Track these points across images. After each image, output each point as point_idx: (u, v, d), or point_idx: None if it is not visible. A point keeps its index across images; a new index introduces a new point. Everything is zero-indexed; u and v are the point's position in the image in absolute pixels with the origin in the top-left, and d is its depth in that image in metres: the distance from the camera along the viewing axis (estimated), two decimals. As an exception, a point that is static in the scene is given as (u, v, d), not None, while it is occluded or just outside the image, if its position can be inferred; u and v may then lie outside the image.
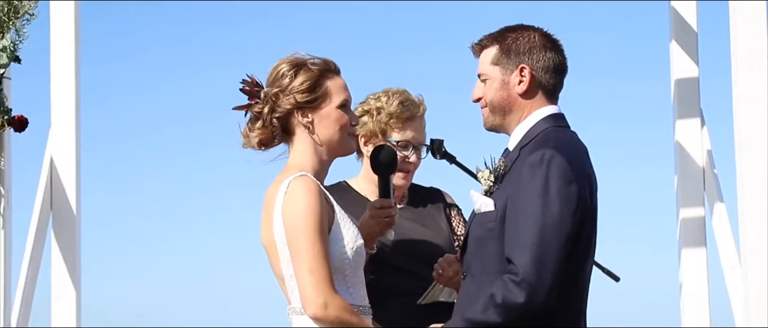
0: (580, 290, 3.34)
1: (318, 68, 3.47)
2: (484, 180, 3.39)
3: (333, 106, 3.46)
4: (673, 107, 5.33)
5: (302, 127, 3.45)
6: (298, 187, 3.34)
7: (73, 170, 5.11)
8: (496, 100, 3.41)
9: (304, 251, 3.30)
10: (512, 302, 3.18)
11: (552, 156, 3.24)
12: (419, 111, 4.00)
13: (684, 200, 5.24)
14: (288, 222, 3.33)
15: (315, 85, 3.45)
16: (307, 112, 3.45)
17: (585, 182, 3.28)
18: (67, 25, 5.18)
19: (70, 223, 5.08)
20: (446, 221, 4.06)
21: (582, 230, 3.26)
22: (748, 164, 4.40)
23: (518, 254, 3.19)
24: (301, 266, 3.30)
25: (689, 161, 5.23)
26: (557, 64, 3.41)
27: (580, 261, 3.29)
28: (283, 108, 3.44)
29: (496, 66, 3.41)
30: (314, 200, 3.32)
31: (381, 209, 3.67)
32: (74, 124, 5.15)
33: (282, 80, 3.46)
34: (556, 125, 3.38)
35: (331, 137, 3.46)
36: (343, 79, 3.51)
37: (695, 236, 5.21)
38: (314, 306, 3.28)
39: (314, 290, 3.28)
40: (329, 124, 3.45)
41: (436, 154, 4.04)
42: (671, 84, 5.34)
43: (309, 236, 3.30)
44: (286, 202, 3.34)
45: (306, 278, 3.29)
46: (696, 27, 5.30)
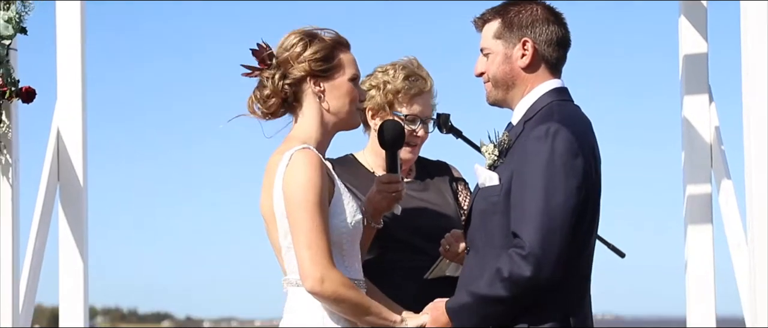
0: (585, 263, 3.34)
1: (331, 40, 3.48)
2: (488, 154, 3.38)
3: (345, 78, 3.47)
4: (681, 83, 5.32)
5: (313, 96, 3.45)
6: (300, 160, 3.34)
7: (79, 142, 5.11)
8: (499, 74, 3.40)
9: (303, 225, 3.30)
10: (519, 276, 3.18)
11: (557, 129, 3.23)
12: (426, 86, 3.99)
13: (691, 176, 5.23)
14: (288, 195, 3.33)
15: (329, 56, 3.45)
16: (319, 81, 3.45)
17: (590, 156, 3.28)
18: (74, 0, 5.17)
19: (77, 194, 5.10)
20: (453, 195, 4.06)
21: (587, 204, 3.26)
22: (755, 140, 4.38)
23: (524, 228, 3.19)
24: (300, 240, 3.31)
25: (697, 138, 5.22)
26: (560, 38, 3.39)
27: (585, 235, 3.29)
28: (295, 75, 3.44)
29: (498, 40, 3.40)
30: (315, 173, 3.32)
31: (388, 183, 3.67)
32: (80, 96, 5.15)
33: (295, 48, 3.45)
34: (560, 99, 3.37)
35: (341, 109, 3.46)
36: (353, 55, 3.52)
37: (702, 213, 5.20)
38: (312, 281, 3.29)
39: (312, 264, 3.29)
40: (340, 96, 3.45)
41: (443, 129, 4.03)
42: (679, 60, 5.32)
43: (308, 209, 3.30)
44: (287, 174, 3.34)
45: (304, 252, 3.30)
46: (705, 2, 5.28)
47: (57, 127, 5.11)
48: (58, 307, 5.14)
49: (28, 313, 4.75)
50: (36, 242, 4.85)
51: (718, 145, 5.15)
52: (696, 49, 5.27)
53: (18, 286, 4.54)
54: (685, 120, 5.26)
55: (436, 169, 4.12)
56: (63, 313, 5.10)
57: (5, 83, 4.39)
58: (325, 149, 3.51)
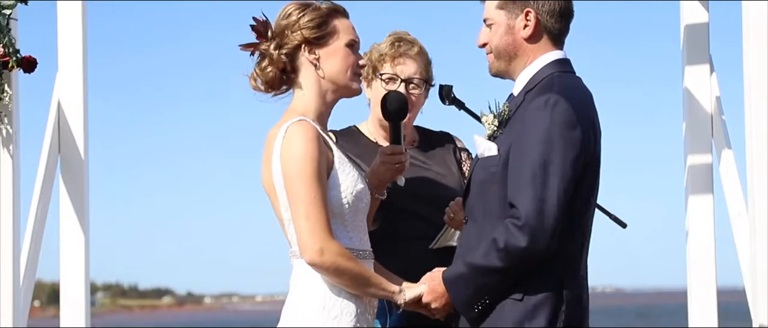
0: (581, 235, 3.34)
1: (326, 7, 3.47)
2: (488, 124, 3.38)
3: (340, 43, 3.46)
4: (682, 53, 5.31)
5: (308, 64, 3.45)
6: (296, 132, 3.34)
7: (80, 114, 5.11)
8: (502, 45, 3.40)
9: (301, 196, 3.30)
10: (514, 246, 3.18)
11: (557, 101, 3.23)
12: (412, 49, 3.99)
13: (692, 146, 5.22)
14: (285, 167, 3.34)
15: (322, 23, 3.45)
16: (314, 49, 3.45)
17: (589, 128, 3.28)
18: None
19: (77, 166, 5.09)
20: (457, 165, 4.06)
21: (585, 176, 3.26)
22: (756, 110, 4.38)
23: (520, 198, 3.20)
24: (298, 212, 3.31)
25: (698, 108, 5.21)
26: (563, 9, 3.39)
27: (581, 206, 3.29)
28: (290, 44, 3.44)
29: (501, 10, 3.40)
30: (311, 145, 3.32)
31: (391, 155, 3.68)
32: (81, 68, 5.14)
33: (290, 18, 3.46)
34: (561, 70, 3.37)
35: (337, 75, 3.45)
36: (351, 22, 3.50)
37: (703, 182, 5.20)
38: (310, 252, 3.29)
39: (311, 236, 3.29)
40: (336, 62, 3.45)
41: (445, 100, 4.03)
42: (681, 30, 5.31)
43: (305, 181, 3.30)
44: (284, 147, 3.34)
45: (302, 224, 3.30)
46: (707, -28, 5.26)
47: (58, 99, 5.10)
48: (58, 283, 5.13)
49: (28, 288, 4.74)
50: (37, 214, 4.85)
51: (719, 115, 5.14)
52: (697, 19, 5.25)
53: (18, 261, 4.54)
54: (686, 90, 5.25)
55: (440, 139, 4.12)
56: (64, 288, 5.10)
57: (6, 53, 4.38)
58: (326, 120, 3.51)
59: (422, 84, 4.02)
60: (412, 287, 3.43)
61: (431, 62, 4.07)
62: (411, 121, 4.07)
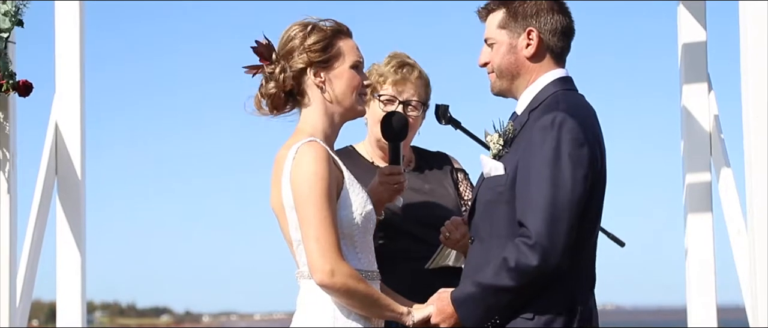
0: (590, 252, 3.33)
1: (330, 29, 3.46)
2: (493, 144, 3.37)
3: (345, 66, 3.45)
4: (680, 72, 5.31)
5: (314, 87, 3.44)
6: (306, 153, 3.33)
7: (77, 135, 5.10)
8: (504, 64, 3.40)
9: (312, 218, 3.29)
10: (525, 265, 3.17)
11: (563, 119, 3.22)
12: (413, 73, 4.00)
13: (690, 165, 5.22)
14: (296, 188, 3.32)
15: (328, 45, 3.44)
16: (319, 72, 3.44)
17: (595, 145, 3.27)
18: None
19: (74, 188, 5.08)
20: (453, 186, 4.06)
21: (593, 193, 3.25)
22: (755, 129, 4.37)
23: (531, 218, 3.18)
24: (309, 233, 3.29)
25: (696, 126, 5.21)
26: (565, 27, 3.39)
27: (591, 224, 3.28)
28: (295, 67, 3.43)
29: (503, 30, 3.40)
30: (322, 166, 3.31)
31: (390, 175, 3.67)
32: (79, 90, 5.14)
33: (294, 40, 3.44)
34: (564, 88, 3.37)
35: (343, 97, 3.45)
36: (355, 42, 3.50)
37: (701, 201, 5.20)
38: (321, 273, 3.28)
39: (321, 257, 3.28)
40: (341, 84, 3.44)
41: (441, 120, 4.03)
42: (678, 48, 5.31)
43: (316, 202, 3.29)
44: (294, 168, 3.33)
45: (313, 245, 3.29)
46: (704, -9, 5.27)
47: (55, 121, 5.10)
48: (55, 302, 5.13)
49: (25, 308, 4.73)
50: (33, 236, 4.84)
51: (718, 133, 5.14)
52: (695, 37, 5.26)
53: (15, 281, 4.53)
54: (685, 109, 5.25)
55: (436, 160, 4.12)
56: (60, 308, 5.09)
57: (2, 76, 4.38)
58: (334, 141, 3.50)
59: (420, 106, 4.03)
60: (419, 308, 3.42)
61: (430, 85, 4.07)
62: (408, 143, 4.07)
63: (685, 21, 5.27)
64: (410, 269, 3.88)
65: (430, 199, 4.00)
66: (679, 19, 5.30)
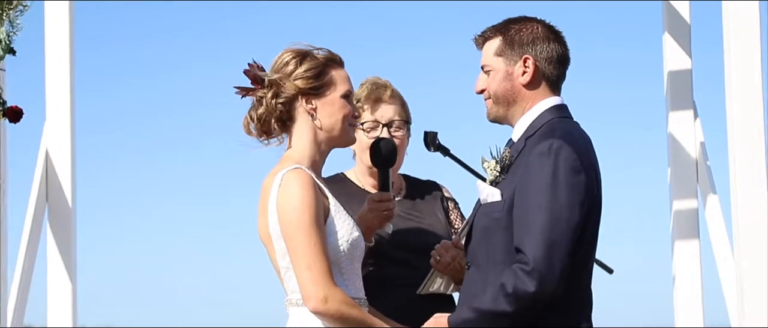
0: (586, 279, 3.35)
1: (323, 57, 3.49)
2: (490, 170, 3.39)
3: (337, 94, 3.47)
4: (666, 99, 5.35)
5: (305, 114, 3.45)
6: (292, 180, 3.34)
7: (68, 163, 5.11)
8: (500, 91, 3.42)
9: (302, 246, 3.30)
10: (523, 291, 3.18)
11: (560, 146, 3.25)
12: (386, 93, 4.00)
13: (677, 192, 5.25)
14: (282, 216, 3.33)
15: (320, 73, 3.46)
16: (311, 99, 3.45)
17: (591, 172, 3.30)
18: (62, 17, 5.18)
19: (65, 215, 5.08)
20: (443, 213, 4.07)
21: (588, 220, 3.27)
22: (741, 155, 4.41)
23: (528, 244, 3.20)
24: (300, 262, 3.30)
25: (682, 153, 5.24)
26: (560, 55, 3.42)
27: (587, 250, 3.31)
28: (287, 93, 3.44)
29: (499, 57, 3.42)
30: (308, 192, 3.32)
31: (380, 202, 3.69)
32: (69, 117, 5.15)
33: (287, 67, 3.46)
34: (560, 116, 3.39)
35: (334, 125, 3.46)
36: (346, 72, 3.53)
37: (688, 228, 5.22)
38: (314, 301, 3.29)
39: (314, 284, 3.28)
40: (333, 112, 3.46)
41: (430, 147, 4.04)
42: (664, 76, 5.35)
43: (305, 230, 3.30)
44: (281, 195, 3.34)
45: (304, 273, 3.29)
46: (689, 19, 5.31)
47: (45, 148, 5.10)
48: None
49: (15, 335, 4.72)
50: (24, 263, 4.84)
51: (704, 160, 5.17)
52: (680, 65, 5.30)
53: (6, 308, 4.52)
54: (671, 136, 5.29)
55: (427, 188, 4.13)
56: (51, 335, 5.08)
57: (-8, 103, 4.39)
58: (321, 168, 3.51)
59: (403, 125, 4.03)
60: None
61: (406, 102, 4.08)
62: (398, 166, 4.08)
63: (670, 49, 5.32)
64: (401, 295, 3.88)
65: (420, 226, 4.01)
66: (664, 47, 5.34)
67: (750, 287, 4.35)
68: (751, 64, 4.45)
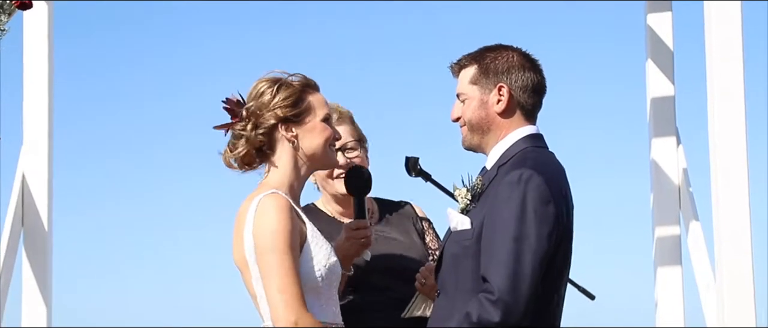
0: (554, 309, 3.33)
1: (299, 83, 3.47)
2: (461, 198, 3.38)
3: (317, 119, 3.46)
4: (649, 125, 5.35)
5: (286, 141, 3.43)
6: (268, 204, 3.32)
7: (44, 188, 5.07)
8: (475, 119, 3.41)
9: (275, 269, 3.28)
10: (487, 321, 3.16)
11: (530, 176, 3.23)
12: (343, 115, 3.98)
13: (659, 218, 5.24)
14: (258, 240, 3.31)
15: (298, 100, 3.44)
16: (291, 126, 3.44)
17: (562, 203, 3.28)
18: (41, 41, 5.15)
19: (41, 239, 5.04)
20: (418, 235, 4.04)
21: (558, 250, 3.25)
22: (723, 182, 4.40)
23: (494, 273, 3.18)
24: (272, 284, 3.28)
25: (665, 180, 5.24)
26: (536, 84, 3.40)
27: (555, 281, 3.28)
28: (266, 124, 3.43)
29: (474, 85, 3.41)
30: (284, 216, 3.31)
31: (357, 230, 3.66)
32: (47, 142, 5.12)
33: (263, 97, 3.44)
34: (534, 145, 3.38)
35: (316, 150, 3.45)
36: (323, 95, 3.51)
37: (671, 254, 5.22)
38: (284, 323, 3.27)
39: (286, 308, 3.26)
40: (314, 137, 3.45)
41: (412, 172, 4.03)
42: (647, 102, 5.35)
43: (279, 253, 3.28)
44: (256, 220, 3.32)
45: (276, 296, 3.27)
46: (672, 46, 5.32)
47: (22, 173, 5.07)
48: (21, 354, 5.07)
49: (-10, 361, 4.67)
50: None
51: (687, 187, 5.17)
52: (663, 92, 5.31)
53: (-20, 334, 4.47)
54: (654, 162, 5.28)
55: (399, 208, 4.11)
56: (26, 360, 5.03)
57: (-31, 128, 4.35)
58: (299, 193, 3.49)
59: (358, 145, 4.01)
60: None
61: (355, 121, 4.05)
62: None
63: (653, 76, 5.32)
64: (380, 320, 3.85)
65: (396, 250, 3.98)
66: (647, 73, 5.35)
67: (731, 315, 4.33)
68: (734, 91, 4.45)
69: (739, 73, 4.46)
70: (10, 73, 5.03)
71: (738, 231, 4.38)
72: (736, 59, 4.46)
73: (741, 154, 4.42)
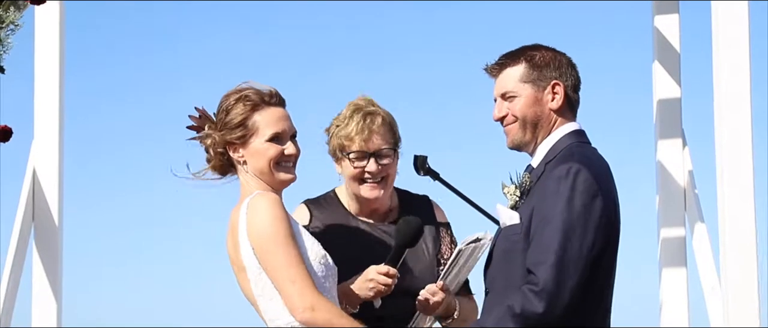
0: (604, 304, 3.33)
1: (251, 103, 3.46)
2: (510, 195, 3.39)
3: (261, 139, 3.46)
4: (655, 127, 5.35)
5: (238, 161, 3.48)
6: (259, 202, 3.35)
7: (55, 182, 5.09)
8: (530, 116, 3.41)
9: (280, 260, 3.29)
10: (531, 312, 3.16)
11: (578, 170, 3.25)
12: (374, 123, 3.95)
13: (665, 219, 5.25)
14: (256, 240, 3.33)
15: (243, 121, 3.46)
16: (237, 148, 3.47)
17: (609, 197, 3.29)
18: (52, 36, 5.17)
19: (51, 234, 5.06)
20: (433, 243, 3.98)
21: (606, 244, 3.26)
22: (729, 184, 4.41)
23: (539, 265, 3.19)
24: (282, 277, 3.29)
25: (671, 181, 5.25)
26: (578, 82, 3.46)
27: (604, 275, 3.28)
28: (220, 144, 3.48)
29: (526, 83, 3.42)
30: (278, 209, 3.34)
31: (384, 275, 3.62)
32: (58, 136, 5.13)
33: (220, 116, 3.49)
34: (579, 141, 3.40)
35: (262, 170, 3.46)
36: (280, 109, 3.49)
37: (676, 256, 5.22)
38: (302, 311, 3.28)
39: (300, 296, 3.27)
40: (258, 159, 3.46)
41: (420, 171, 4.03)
42: (653, 104, 5.36)
43: (281, 244, 3.30)
44: (250, 220, 3.35)
45: (289, 288, 3.28)
46: (678, 48, 5.33)
47: (33, 167, 5.08)
48: (31, 348, 5.09)
49: (0, 355, 4.69)
50: (9, 282, 4.81)
51: (692, 189, 5.18)
52: (670, 94, 5.31)
53: (-9, 327, 4.49)
54: (660, 164, 5.29)
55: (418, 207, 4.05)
56: (36, 355, 5.05)
57: (-20, 122, 4.37)
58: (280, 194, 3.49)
59: (391, 151, 3.99)
60: None
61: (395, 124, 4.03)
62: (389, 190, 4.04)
63: (660, 77, 5.33)
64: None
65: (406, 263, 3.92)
66: (654, 75, 5.36)
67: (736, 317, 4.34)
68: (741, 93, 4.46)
69: (745, 75, 4.47)
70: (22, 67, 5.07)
71: (743, 233, 4.39)
72: (743, 61, 4.47)
73: (747, 156, 4.43)
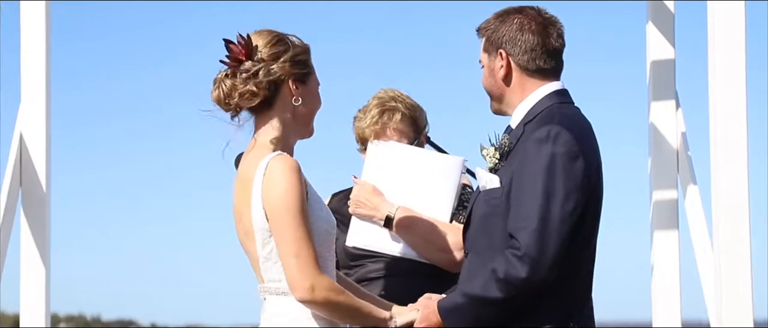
0: (586, 267, 3.32)
1: (305, 45, 3.41)
2: (489, 157, 3.37)
3: (316, 85, 3.43)
4: (648, 89, 5.33)
5: (288, 98, 3.35)
6: (279, 167, 3.26)
7: (43, 147, 5.05)
8: (488, 86, 3.44)
9: (289, 233, 3.24)
10: (514, 277, 3.16)
11: (558, 132, 3.22)
12: (394, 117, 3.95)
13: (657, 182, 5.24)
14: (270, 204, 3.25)
15: (306, 60, 3.39)
16: (298, 85, 3.38)
17: (591, 159, 3.27)
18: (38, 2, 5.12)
19: (39, 200, 5.03)
20: None
21: (587, 207, 3.24)
22: (722, 147, 4.40)
23: (521, 230, 3.18)
24: (286, 249, 3.25)
25: (663, 143, 5.23)
26: (535, 44, 3.37)
27: (585, 237, 3.27)
28: (275, 76, 3.31)
29: (484, 53, 3.44)
30: (296, 178, 3.25)
31: None
32: (44, 101, 5.09)
33: (276, 47, 3.33)
34: (560, 101, 3.37)
35: (311, 112, 3.40)
36: None
37: (668, 218, 5.21)
38: (301, 290, 3.24)
39: (301, 273, 3.24)
40: (313, 100, 3.40)
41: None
42: (647, 65, 5.33)
43: (293, 217, 3.24)
44: (266, 183, 3.26)
45: (291, 261, 3.24)
46: (673, 9, 5.30)
47: (20, 132, 5.05)
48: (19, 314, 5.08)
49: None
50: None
51: (685, 150, 5.16)
52: (663, 55, 5.28)
53: (-21, 293, 4.47)
54: (652, 126, 5.27)
55: None
56: (24, 320, 5.04)
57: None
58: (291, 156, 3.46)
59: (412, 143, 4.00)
60: (403, 312, 3.38)
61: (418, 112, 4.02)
62: None
63: (653, 38, 5.30)
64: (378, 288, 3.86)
65: None
66: (647, 36, 5.32)
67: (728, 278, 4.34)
68: (735, 55, 4.43)
69: (740, 37, 4.44)
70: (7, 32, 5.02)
71: (736, 195, 4.38)
72: (739, 23, 4.44)
73: (741, 118, 4.41)
